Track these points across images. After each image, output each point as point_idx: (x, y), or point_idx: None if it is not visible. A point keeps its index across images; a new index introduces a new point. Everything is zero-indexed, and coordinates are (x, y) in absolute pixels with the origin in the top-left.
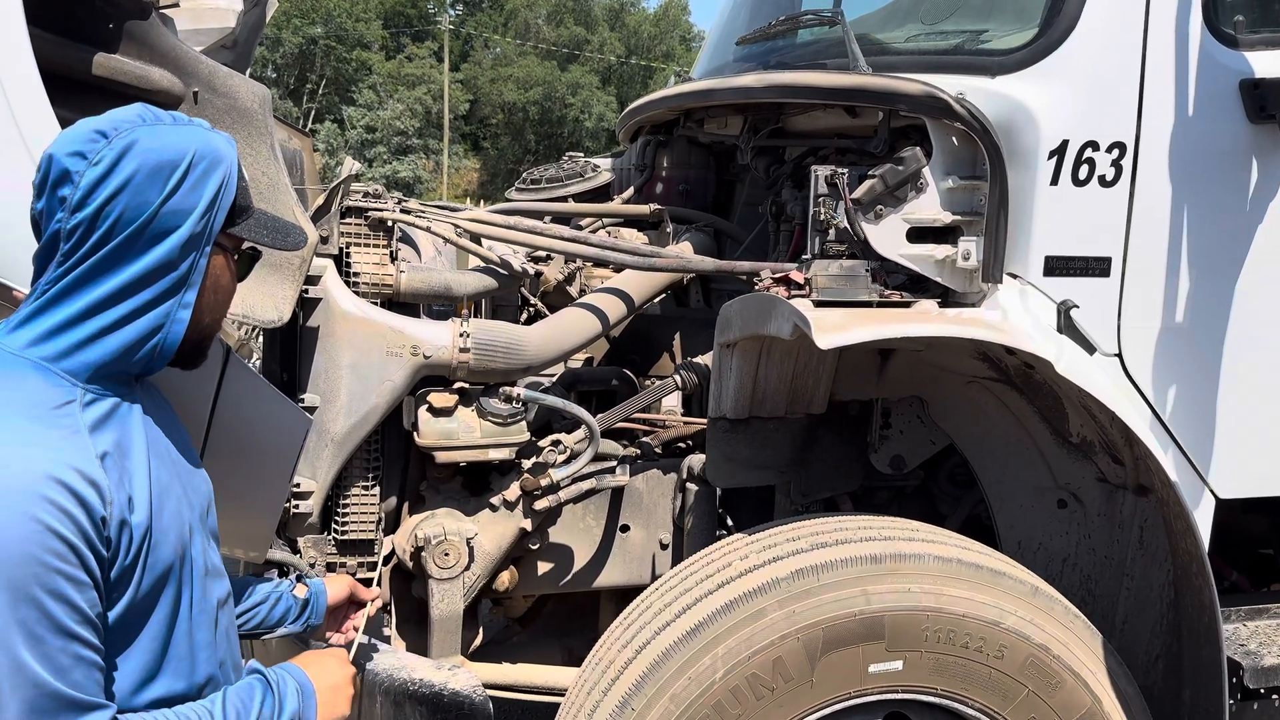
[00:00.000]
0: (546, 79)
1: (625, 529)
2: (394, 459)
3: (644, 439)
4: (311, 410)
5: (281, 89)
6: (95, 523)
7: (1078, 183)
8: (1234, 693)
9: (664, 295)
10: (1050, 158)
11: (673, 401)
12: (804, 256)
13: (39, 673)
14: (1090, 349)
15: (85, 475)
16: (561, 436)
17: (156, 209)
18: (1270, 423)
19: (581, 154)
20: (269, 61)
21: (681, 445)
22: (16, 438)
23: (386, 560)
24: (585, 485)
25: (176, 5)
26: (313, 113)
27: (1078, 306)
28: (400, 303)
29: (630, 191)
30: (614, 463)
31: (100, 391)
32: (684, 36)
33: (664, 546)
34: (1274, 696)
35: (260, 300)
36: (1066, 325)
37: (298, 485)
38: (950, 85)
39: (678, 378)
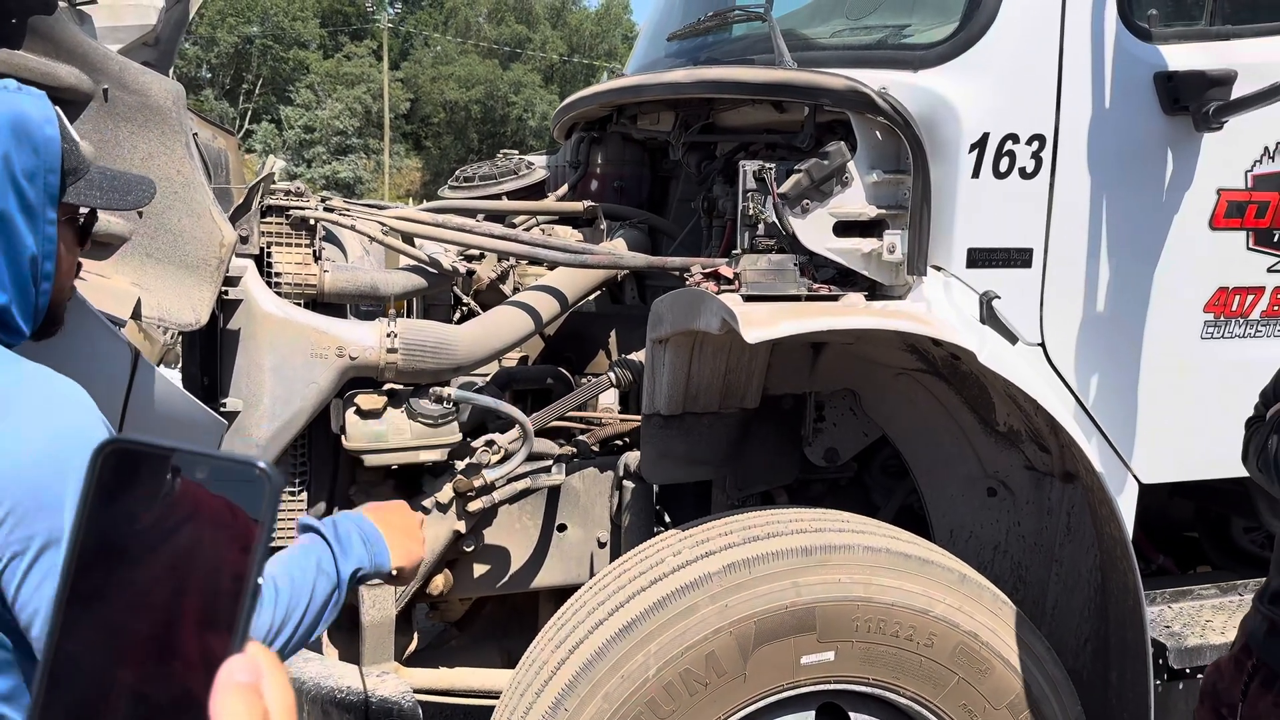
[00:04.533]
0: (488, 77)
1: (562, 528)
2: (322, 463)
3: (580, 437)
4: (234, 416)
5: (217, 89)
6: None
7: (999, 175)
8: (1159, 674)
9: (599, 292)
10: (971, 150)
11: (611, 399)
12: (734, 251)
13: None
14: (1013, 339)
15: None
16: (495, 436)
17: None
18: (1188, 409)
19: (516, 151)
20: (203, 61)
21: (618, 443)
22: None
23: None
24: (520, 485)
25: (94, 2)
26: (249, 113)
27: (1000, 297)
28: (326, 303)
29: (565, 189)
30: (549, 462)
31: None
32: (626, 35)
33: (602, 545)
34: (1198, 676)
35: (176, 302)
36: (989, 316)
37: None
38: (874, 80)
39: (612, 375)
